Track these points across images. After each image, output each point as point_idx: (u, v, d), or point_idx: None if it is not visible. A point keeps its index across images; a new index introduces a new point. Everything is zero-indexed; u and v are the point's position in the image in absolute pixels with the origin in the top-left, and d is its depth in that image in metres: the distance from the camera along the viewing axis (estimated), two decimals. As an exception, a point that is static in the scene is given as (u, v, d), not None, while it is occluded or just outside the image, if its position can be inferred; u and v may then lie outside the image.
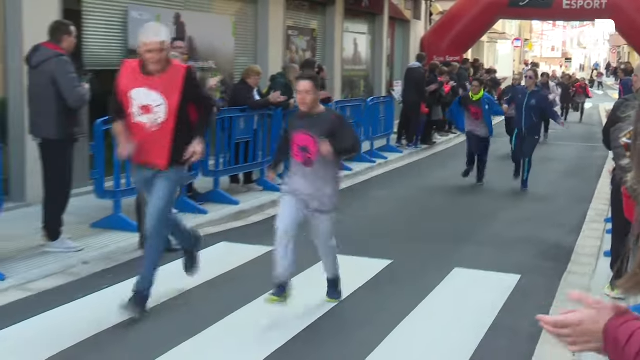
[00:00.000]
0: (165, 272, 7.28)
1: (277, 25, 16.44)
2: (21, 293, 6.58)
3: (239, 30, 15.28)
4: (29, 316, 6.00)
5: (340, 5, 19.73)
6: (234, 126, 10.84)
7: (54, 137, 7.63)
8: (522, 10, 27.46)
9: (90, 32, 10.95)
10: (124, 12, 11.79)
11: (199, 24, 13.59)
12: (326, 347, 5.61)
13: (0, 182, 7.19)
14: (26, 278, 6.89)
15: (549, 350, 5.54)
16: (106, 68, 11.21)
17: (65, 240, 7.76)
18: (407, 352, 5.54)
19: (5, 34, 9.61)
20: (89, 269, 7.38)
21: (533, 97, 12.80)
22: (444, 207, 10.81)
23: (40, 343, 5.45)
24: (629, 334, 1.62)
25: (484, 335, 5.85)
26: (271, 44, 16.15)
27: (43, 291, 6.68)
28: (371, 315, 6.33)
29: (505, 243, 9.09)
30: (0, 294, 6.47)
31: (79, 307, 6.33)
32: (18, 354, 5.24)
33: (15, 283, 6.73)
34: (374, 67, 23.12)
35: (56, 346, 5.39)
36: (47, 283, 6.88)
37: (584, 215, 10.79)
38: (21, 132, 9.12)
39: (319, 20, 19.36)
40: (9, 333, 5.65)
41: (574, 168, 16.34)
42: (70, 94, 7.53)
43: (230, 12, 15.04)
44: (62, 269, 7.25)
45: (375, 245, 8.65)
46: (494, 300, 6.77)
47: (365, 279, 7.35)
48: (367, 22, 22.80)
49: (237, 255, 8.01)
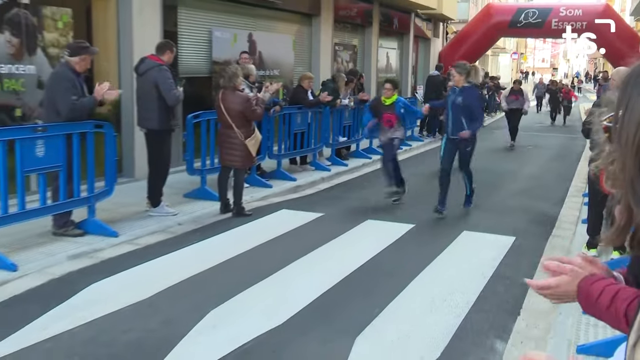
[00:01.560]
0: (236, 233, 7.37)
1: (327, 41, 16.38)
2: (131, 246, 6.68)
3: (297, 46, 15.24)
4: (136, 264, 6.12)
5: (376, 26, 19.63)
6: (292, 120, 10.85)
7: (156, 128, 7.70)
8: (519, 30, 27.17)
9: (183, 48, 10.99)
10: (209, 32, 11.82)
11: (266, 41, 13.58)
12: (359, 293, 5.60)
13: (115, 162, 7.28)
14: (134, 235, 6.99)
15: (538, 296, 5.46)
16: (195, 75, 11.31)
17: (164, 206, 7.85)
18: (424, 296, 5.51)
19: (120, 49, 9.71)
20: (182, 228, 7.45)
21: (461, 94, 8.60)
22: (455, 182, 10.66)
23: (144, 284, 5.54)
24: (599, 290, 1.65)
25: (485, 283, 5.83)
26: (322, 56, 16.11)
27: (147, 245, 6.78)
28: (396, 267, 6.31)
29: (503, 211, 9.00)
30: (115, 247, 6.58)
31: (174, 257, 6.42)
32: (130, 291, 5.32)
33: (126, 239, 6.83)
34: (401, 75, 22.94)
35: (156, 286, 5.47)
36: (150, 239, 6.97)
37: (566, 190, 10.62)
38: (131, 124, 9.21)
39: (359, 38, 19.25)
40: (121, 276, 5.77)
41: (558, 154, 16.10)
42: (168, 95, 7.58)
43: (290, 32, 15.00)
44: (161, 228, 7.34)
45: (402, 212, 8.64)
46: (494, 256, 6.73)
47: (393, 238, 7.33)
48: (397, 39, 22.63)
49: (295, 219, 8.03)
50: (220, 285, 5.55)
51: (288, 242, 7.08)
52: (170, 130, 7.87)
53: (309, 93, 11.47)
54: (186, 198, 8.67)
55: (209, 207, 8.21)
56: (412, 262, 6.41)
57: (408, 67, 23.29)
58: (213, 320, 4.81)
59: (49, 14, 8.35)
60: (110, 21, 9.72)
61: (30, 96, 8.03)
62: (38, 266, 5.84)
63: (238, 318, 4.87)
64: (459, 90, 8.68)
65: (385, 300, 5.32)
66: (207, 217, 7.93)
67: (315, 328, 4.75)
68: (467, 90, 8.69)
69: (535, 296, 5.51)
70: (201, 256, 6.39)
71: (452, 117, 8.67)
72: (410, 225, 7.92)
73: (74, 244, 6.48)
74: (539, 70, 77.30)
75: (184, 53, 11.00)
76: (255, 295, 5.42)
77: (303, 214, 8.27)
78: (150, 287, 5.43)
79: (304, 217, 8.10)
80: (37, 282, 5.53)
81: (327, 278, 5.83)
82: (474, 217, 8.56)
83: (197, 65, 11.64)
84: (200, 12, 11.68)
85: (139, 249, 6.61)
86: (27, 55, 8.05)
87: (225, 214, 8.05)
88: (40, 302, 5.07)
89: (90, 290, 5.35)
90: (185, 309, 5.02)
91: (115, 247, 6.57)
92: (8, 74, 7.80)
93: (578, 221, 8.25)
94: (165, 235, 7.18)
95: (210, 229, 7.47)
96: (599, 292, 1.66)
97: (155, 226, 7.34)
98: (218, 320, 4.80)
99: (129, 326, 4.68)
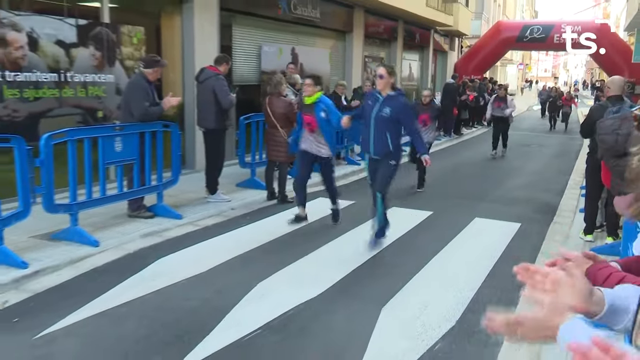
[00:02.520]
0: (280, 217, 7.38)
1: (358, 54, 16.28)
2: (192, 227, 6.74)
3: (333, 58, 15.17)
4: (197, 242, 6.18)
5: (400, 41, 19.45)
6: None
7: (213, 127, 7.74)
8: (525, 44, 26.70)
9: (237, 59, 11.03)
10: (259, 46, 11.84)
11: (307, 54, 13.54)
12: (385, 270, 5.59)
13: (179, 156, 7.34)
14: (195, 217, 7.04)
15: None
16: (247, 83, 11.34)
17: (220, 194, 7.89)
18: (441, 273, 5.47)
19: (184, 61, 9.79)
20: (234, 212, 7.49)
21: (387, 104, 5.92)
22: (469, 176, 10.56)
23: (203, 259, 5.58)
24: (606, 276, 1.61)
25: (494, 263, 5.74)
26: (354, 67, 16.03)
27: (205, 226, 6.83)
28: (417, 248, 6.25)
29: (510, 201, 8.83)
30: (179, 227, 6.65)
31: (228, 237, 6.46)
32: (191, 265, 5.38)
33: (188, 221, 6.89)
34: (422, 83, 22.72)
35: (213, 261, 5.52)
36: (208, 221, 7.02)
37: (565, 183, 10.39)
38: (192, 124, 9.27)
39: (386, 51, 19.10)
40: (184, 252, 5.83)
41: (559, 152, 15.75)
42: (223, 100, 7.61)
43: (327, 46, 14.95)
44: (217, 212, 7.38)
45: (421, 201, 8.53)
46: (502, 240, 6.63)
47: (414, 223, 7.27)
48: (418, 52, 22.40)
49: (329, 206, 8.00)
50: (266, 262, 5.57)
51: (323, 226, 7.06)
52: (225, 129, 7.90)
53: (342, 98, 11.46)
54: (238, 187, 8.69)
55: (257, 195, 8.24)
56: (430, 244, 6.35)
57: (428, 76, 23.05)
58: (260, 291, 4.83)
59: (126, 32, 8.45)
60: (176, 38, 9.80)
61: (110, 101, 8.15)
62: (115, 243, 5.93)
63: (281, 289, 4.88)
64: (384, 99, 5.96)
65: (407, 277, 5.29)
66: (255, 203, 7.96)
67: (347, 299, 4.74)
68: (393, 99, 5.96)
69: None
70: (250, 236, 6.42)
71: (374, 133, 5.99)
72: (429, 212, 7.84)
73: (146, 225, 6.57)
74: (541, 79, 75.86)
75: (237, 64, 11.04)
76: (296, 270, 5.43)
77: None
78: (207, 262, 5.48)
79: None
80: (114, 256, 5.63)
81: (357, 257, 5.82)
82: (484, 206, 8.42)
83: (248, 75, 11.67)
84: (251, 29, 11.71)
85: (198, 230, 6.67)
86: (108, 66, 8.16)
87: (271, 201, 8.07)
88: (117, 273, 5.15)
89: (158, 264, 5.43)
90: (237, 281, 5.05)
91: (179, 228, 6.63)
92: (92, 82, 7.92)
93: (576, 210, 8.05)
94: (221, 218, 7.22)
95: (258, 213, 7.50)
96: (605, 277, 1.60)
97: (212, 210, 7.39)
98: (264, 291, 4.83)
99: (190, 295, 4.73)
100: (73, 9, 7.82)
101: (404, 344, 3.97)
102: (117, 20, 8.40)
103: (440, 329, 4.22)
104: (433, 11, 19.93)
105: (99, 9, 8.24)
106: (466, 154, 14.57)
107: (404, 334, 4.12)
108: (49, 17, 7.34)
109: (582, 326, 1.23)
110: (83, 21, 7.78)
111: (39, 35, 7.18)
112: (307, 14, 13.20)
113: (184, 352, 3.76)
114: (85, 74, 7.80)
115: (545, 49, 32.69)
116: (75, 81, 7.68)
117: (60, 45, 7.47)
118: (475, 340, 4.09)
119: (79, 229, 5.88)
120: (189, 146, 9.74)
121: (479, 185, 10.09)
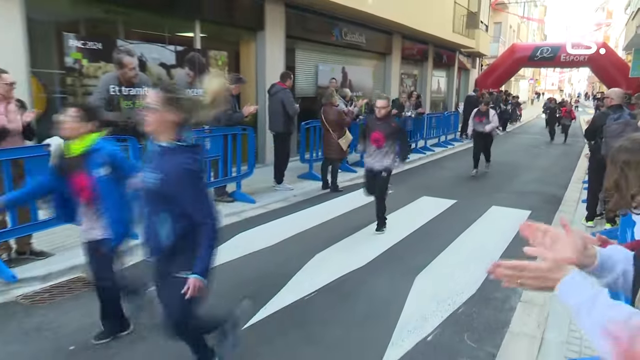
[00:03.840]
0: (333, 203, 7.39)
1: (396, 72, 16.06)
2: (263, 210, 6.82)
3: (375, 75, 15.01)
4: (267, 221, 6.25)
5: (431, 61, 19.04)
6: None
7: (281, 131, 7.81)
8: (536, 62, 25.64)
9: (298, 77, 11.07)
10: (316, 66, 11.84)
11: (354, 72, 13.44)
12: (418, 246, 5.51)
13: (254, 153, 7.44)
14: (265, 202, 7.11)
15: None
16: (306, 96, 11.34)
17: (285, 184, 7.94)
18: (464, 250, 5.36)
19: (257, 78, 9.91)
20: (296, 199, 7.52)
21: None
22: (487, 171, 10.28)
23: (273, 235, 5.65)
24: None
25: (508, 244, 5.56)
26: (392, 82, 15.82)
27: (274, 209, 6.89)
28: (444, 230, 6.14)
29: (522, 193, 8.52)
30: (253, 210, 6.73)
31: (292, 217, 6.49)
32: (263, 239, 5.45)
33: (260, 204, 6.97)
34: (448, 95, 22.20)
35: (280, 236, 5.57)
36: (275, 205, 7.08)
37: (569, 178, 9.97)
38: (264, 128, 9.40)
39: (418, 69, 18.74)
40: (258, 229, 5.91)
41: (563, 152, 15.09)
42: (290, 109, 7.67)
43: (370, 65, 14.79)
44: (283, 198, 7.42)
45: (447, 191, 8.33)
46: (515, 224, 6.38)
47: (441, 210, 7.12)
48: (445, 70, 21.86)
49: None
50: (323, 237, 5.59)
51: (368, 210, 6.97)
52: (290, 132, 7.95)
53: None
54: (299, 178, 8.73)
55: (314, 185, 8.26)
56: (454, 227, 6.22)
57: (453, 90, 22.50)
58: (318, 261, 4.87)
59: (212, 55, 8.61)
60: (252, 60, 9.92)
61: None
62: (205, 221, 6.08)
63: (334, 260, 4.90)
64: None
65: (436, 252, 5.22)
66: (313, 191, 7.98)
67: (387, 269, 4.72)
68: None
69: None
70: (309, 217, 6.46)
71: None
72: (453, 200, 7.67)
73: (227, 207, 6.68)
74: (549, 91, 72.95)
75: (298, 81, 11.06)
76: (346, 245, 5.43)
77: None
78: (276, 237, 5.55)
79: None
80: (204, 231, 5.77)
81: (395, 235, 5.77)
82: (500, 196, 8.17)
83: (307, 89, 11.68)
84: (310, 52, 11.71)
85: (268, 212, 6.74)
86: (199, 83, 8.34)
87: (325, 190, 8.09)
88: (206, 244, 5.28)
89: (238, 237, 5.53)
90: (299, 252, 5.09)
91: (253, 210, 6.73)
92: (186, 95, 8.11)
93: (579, 201, 7.73)
94: (286, 203, 7.27)
95: (316, 200, 7.53)
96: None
97: (279, 197, 7.44)
98: (322, 261, 4.86)
99: (263, 262, 4.81)
100: (173, 38, 8.04)
101: (433, 307, 3.93)
102: (206, 47, 8.57)
103: (463, 295, 4.16)
104: (458, 36, 19.43)
105: (192, 38, 8.43)
106: (484, 153, 14.18)
107: (434, 298, 4.08)
108: (154, 44, 7.58)
109: (579, 281, 1.18)
110: (180, 47, 7.98)
111: (146, 59, 7.41)
112: (354, 40, 13.11)
113: (258, 305, 3.84)
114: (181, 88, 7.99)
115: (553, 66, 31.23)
116: (174, 94, 7.88)
117: (162, 67, 7.69)
118: (492, 305, 4.00)
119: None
120: (260, 145, 9.84)
121: (494, 179, 9.80)
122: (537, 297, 4.11)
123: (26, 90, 5.83)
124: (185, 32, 8.51)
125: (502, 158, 12.97)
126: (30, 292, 4.05)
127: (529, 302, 4.03)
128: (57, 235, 5.18)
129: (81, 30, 6.98)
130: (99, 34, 7.16)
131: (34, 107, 5.89)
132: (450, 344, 3.38)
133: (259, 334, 3.42)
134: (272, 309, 3.79)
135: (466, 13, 20.52)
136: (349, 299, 4.03)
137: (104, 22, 7.29)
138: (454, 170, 10.66)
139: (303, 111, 9.02)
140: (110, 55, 6.92)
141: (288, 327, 3.55)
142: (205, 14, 8.51)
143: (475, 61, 26.18)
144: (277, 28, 10.04)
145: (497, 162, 12.36)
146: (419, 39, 17.24)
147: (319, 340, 3.37)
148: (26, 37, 5.89)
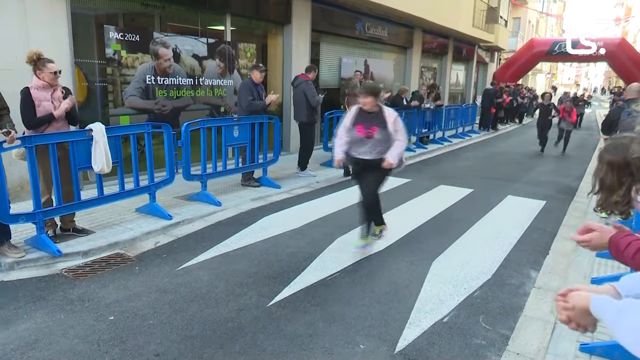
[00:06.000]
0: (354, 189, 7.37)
1: (416, 65, 15.82)
2: (288, 195, 6.84)
3: (396, 68, 14.83)
4: (292, 205, 6.27)
5: (450, 55, 18.68)
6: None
7: (305, 121, 7.79)
8: (553, 57, 25.00)
9: (323, 69, 11.00)
10: (339, 58, 11.74)
11: (376, 64, 13.30)
12: (435, 233, 5.45)
13: (279, 142, 7.45)
14: (290, 187, 7.14)
15: (562, 242, 5.10)
16: (330, 87, 11.28)
17: (309, 171, 7.94)
18: (480, 238, 5.29)
19: (284, 70, 9.89)
20: (319, 185, 7.54)
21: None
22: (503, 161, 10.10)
23: (297, 218, 5.67)
24: (627, 243, 1.51)
25: (523, 232, 5.48)
26: (412, 75, 15.59)
27: (298, 194, 6.91)
28: (461, 217, 6.06)
29: (537, 183, 8.35)
30: (279, 194, 6.76)
31: (315, 203, 6.50)
32: (287, 222, 5.49)
33: (285, 190, 7.00)
34: (466, 88, 21.79)
35: (304, 220, 5.60)
36: (299, 190, 7.10)
37: (584, 170, 9.73)
38: (289, 118, 9.40)
39: (438, 62, 18.42)
40: (282, 213, 5.93)
41: (579, 145, 14.70)
42: (312, 100, 7.64)
43: (392, 58, 14.60)
44: (306, 184, 7.44)
45: (465, 181, 8.22)
46: (530, 213, 6.31)
47: (458, 198, 7.03)
48: (464, 64, 21.44)
49: (391, 182, 7.69)
50: (344, 221, 5.59)
51: (388, 197, 6.93)
52: (314, 122, 7.92)
53: (404, 99, 11.20)
54: (322, 166, 8.73)
55: (337, 172, 8.23)
56: (471, 215, 6.15)
57: (471, 83, 22.06)
58: (340, 244, 4.87)
59: (242, 48, 8.63)
60: (278, 52, 9.90)
61: (229, 99, 8.37)
62: (233, 204, 6.13)
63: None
64: None
65: (453, 238, 5.17)
66: (335, 178, 7.97)
67: (405, 253, 4.70)
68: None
69: (561, 241, 5.15)
70: (332, 202, 6.46)
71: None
72: (470, 189, 7.58)
73: (254, 192, 6.73)
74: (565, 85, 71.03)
75: (323, 73, 11.01)
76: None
77: (397, 179, 8.09)
78: (300, 221, 5.58)
79: (398, 181, 7.93)
80: (232, 213, 5.82)
81: (413, 222, 5.74)
82: (516, 186, 8.03)
83: (331, 81, 11.61)
84: (334, 45, 11.62)
85: (293, 197, 6.76)
86: (228, 73, 8.37)
87: (347, 177, 8.06)
88: (235, 226, 5.34)
89: (264, 220, 5.57)
90: (322, 235, 5.11)
91: (278, 195, 6.75)
92: (217, 85, 8.16)
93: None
94: (309, 188, 7.29)
95: (338, 186, 7.52)
96: (626, 245, 1.50)
97: (303, 183, 7.46)
98: (343, 244, 4.86)
99: (287, 244, 4.84)
100: (205, 31, 8.06)
101: (449, 290, 3.90)
102: (236, 39, 8.58)
103: (479, 280, 4.11)
104: (478, 30, 18.99)
105: (223, 31, 8.45)
106: (501, 145, 13.90)
107: (450, 282, 4.05)
108: (188, 37, 7.62)
109: (608, 298, 1.20)
110: (211, 40, 8.01)
111: (180, 51, 7.47)
112: (377, 34, 12.94)
113: (283, 284, 3.87)
114: (212, 79, 8.05)
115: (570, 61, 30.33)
116: (205, 84, 7.95)
117: (195, 58, 7.74)
118: (507, 290, 3.95)
119: (207, 193, 6.14)
120: (285, 134, 9.85)
121: (511, 170, 9.62)
122: (550, 283, 4.05)
123: (70, 80, 5.94)
124: (216, 26, 8.52)
125: (518, 150, 12.72)
126: (74, 265, 4.17)
127: (542, 288, 3.97)
128: (97, 214, 5.31)
129: (120, 23, 7.06)
130: (137, 26, 7.23)
131: (77, 95, 6.01)
132: (465, 325, 3.36)
133: (283, 311, 3.46)
134: (295, 288, 3.82)
135: (486, 8, 20.04)
136: (369, 281, 4.03)
137: (142, 16, 7.35)
138: (471, 160, 10.51)
139: (326, 101, 8.98)
140: (147, 46, 6.99)
141: (310, 305, 3.57)
142: (236, 9, 8.50)
143: (493, 55, 25.61)
144: (303, 22, 9.97)
145: (513, 153, 12.14)
146: (439, 33, 16.92)
147: (339, 319, 3.38)
148: (70, 31, 5.98)
